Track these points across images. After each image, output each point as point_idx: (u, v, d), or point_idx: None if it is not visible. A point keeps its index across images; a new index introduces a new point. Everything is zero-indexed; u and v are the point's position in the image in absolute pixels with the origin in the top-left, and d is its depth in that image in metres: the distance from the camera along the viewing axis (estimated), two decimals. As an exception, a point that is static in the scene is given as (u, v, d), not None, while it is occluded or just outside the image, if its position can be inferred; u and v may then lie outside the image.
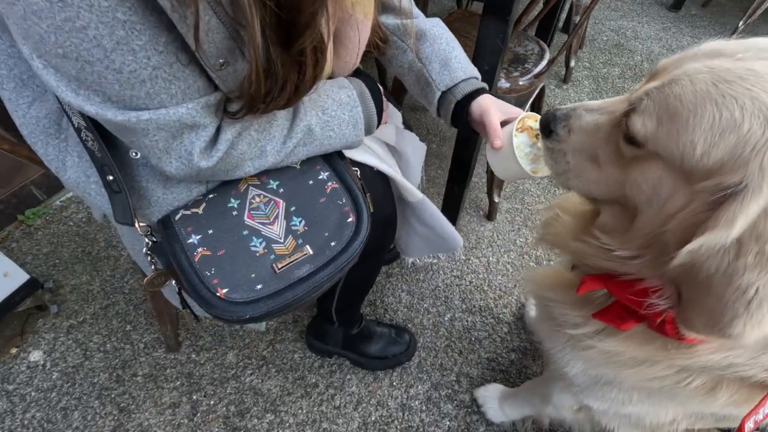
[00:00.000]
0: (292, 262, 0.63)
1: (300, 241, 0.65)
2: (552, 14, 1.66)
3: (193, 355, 1.26)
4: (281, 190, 0.68)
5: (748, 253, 0.39)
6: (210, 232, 0.64)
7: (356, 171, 0.75)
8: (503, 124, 0.78)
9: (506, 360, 1.28)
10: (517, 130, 0.73)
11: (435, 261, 1.11)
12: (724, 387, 0.55)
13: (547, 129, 0.60)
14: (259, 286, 0.60)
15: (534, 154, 0.73)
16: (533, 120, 0.75)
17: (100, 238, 1.52)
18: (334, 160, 0.73)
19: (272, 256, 0.63)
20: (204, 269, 0.61)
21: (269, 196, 0.68)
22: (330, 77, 0.73)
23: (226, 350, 1.28)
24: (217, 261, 0.62)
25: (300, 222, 0.67)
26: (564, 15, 2.13)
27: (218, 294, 0.59)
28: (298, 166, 0.71)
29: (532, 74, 1.32)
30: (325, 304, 1.07)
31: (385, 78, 1.93)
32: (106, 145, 0.58)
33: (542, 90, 1.57)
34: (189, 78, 0.49)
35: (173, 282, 0.68)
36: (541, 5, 1.34)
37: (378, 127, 0.79)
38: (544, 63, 1.36)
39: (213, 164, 0.58)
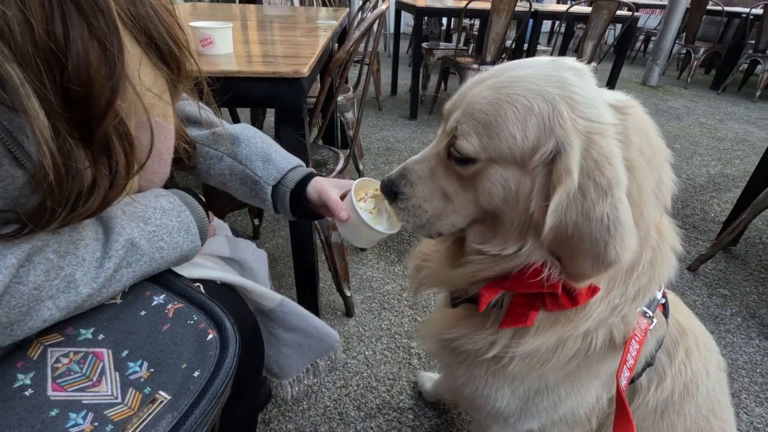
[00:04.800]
0: (143, 422, 0.45)
1: (148, 389, 0.48)
2: (331, 128, 1.93)
3: None
4: (100, 336, 0.51)
5: (589, 189, 0.47)
6: None
7: (199, 286, 0.64)
8: (342, 197, 0.80)
9: (426, 447, 1.17)
10: (356, 198, 0.76)
11: (315, 381, 0.97)
12: (616, 333, 0.63)
13: (392, 194, 0.65)
14: None
15: (379, 214, 0.77)
16: (368, 184, 0.80)
17: None
18: (165, 279, 0.60)
19: (109, 428, 0.45)
20: None
21: (83, 350, 0.50)
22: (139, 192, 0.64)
23: None
24: None
25: (141, 366, 0.50)
26: (339, 134, 2.51)
27: None
28: (118, 301, 0.55)
29: (336, 171, 1.46)
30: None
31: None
32: None
33: (348, 186, 1.74)
34: None
35: None
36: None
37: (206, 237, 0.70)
38: (342, 161, 1.53)
39: None
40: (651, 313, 0.65)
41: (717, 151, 3.32)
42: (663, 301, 0.69)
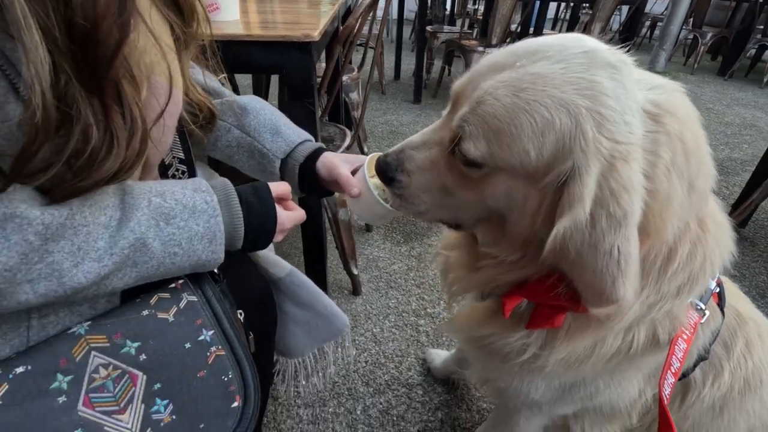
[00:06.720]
0: None
1: None
2: (336, 107, 1.90)
3: None
4: (142, 356, 0.47)
5: (600, 219, 0.43)
6: None
7: (240, 314, 0.60)
8: (353, 173, 0.76)
9: (436, 422, 1.16)
10: (369, 174, 0.72)
11: (323, 381, 0.93)
12: (660, 330, 0.58)
13: (387, 178, 0.60)
14: None
15: None
16: None
17: None
18: (220, 305, 0.55)
19: None
20: None
21: (122, 366, 0.46)
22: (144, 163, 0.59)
23: None
24: None
25: (166, 408, 0.47)
26: (343, 113, 2.48)
27: None
28: (170, 318, 0.50)
29: (343, 148, 1.43)
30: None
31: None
32: None
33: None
34: None
35: None
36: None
37: (269, 240, 0.62)
38: (348, 138, 1.51)
39: None
40: (703, 306, 0.60)
41: (724, 135, 3.28)
42: (717, 290, 0.64)
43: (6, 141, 0.37)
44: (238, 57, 0.93)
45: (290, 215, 0.65)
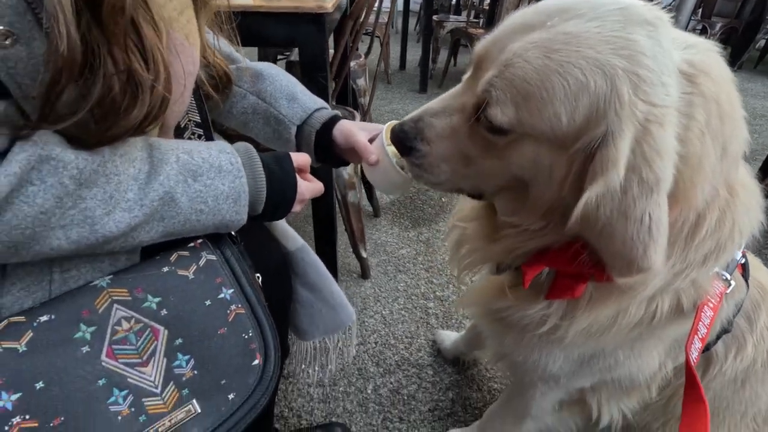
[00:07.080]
0: (172, 427, 0.44)
1: (186, 391, 0.46)
2: (344, 93, 1.89)
3: None
4: (163, 311, 0.47)
5: (632, 185, 0.41)
6: (39, 386, 0.40)
7: (258, 277, 0.60)
8: (370, 141, 0.74)
9: (447, 401, 1.16)
10: (386, 141, 0.70)
11: (321, 376, 0.92)
12: (685, 299, 0.57)
13: (405, 148, 0.58)
14: None
15: None
16: None
17: None
18: (238, 264, 0.54)
19: (142, 418, 0.43)
20: None
21: (144, 320, 0.46)
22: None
23: None
24: None
25: (187, 362, 0.47)
26: (351, 99, 2.47)
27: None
28: (190, 275, 0.50)
29: (353, 129, 1.43)
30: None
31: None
32: None
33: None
34: None
35: None
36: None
37: (288, 209, 0.61)
38: (358, 119, 1.50)
39: None
40: (728, 276, 0.58)
41: (734, 125, 3.25)
42: (743, 261, 0.62)
43: (31, 81, 0.37)
44: (250, 29, 0.91)
45: (309, 186, 0.65)
